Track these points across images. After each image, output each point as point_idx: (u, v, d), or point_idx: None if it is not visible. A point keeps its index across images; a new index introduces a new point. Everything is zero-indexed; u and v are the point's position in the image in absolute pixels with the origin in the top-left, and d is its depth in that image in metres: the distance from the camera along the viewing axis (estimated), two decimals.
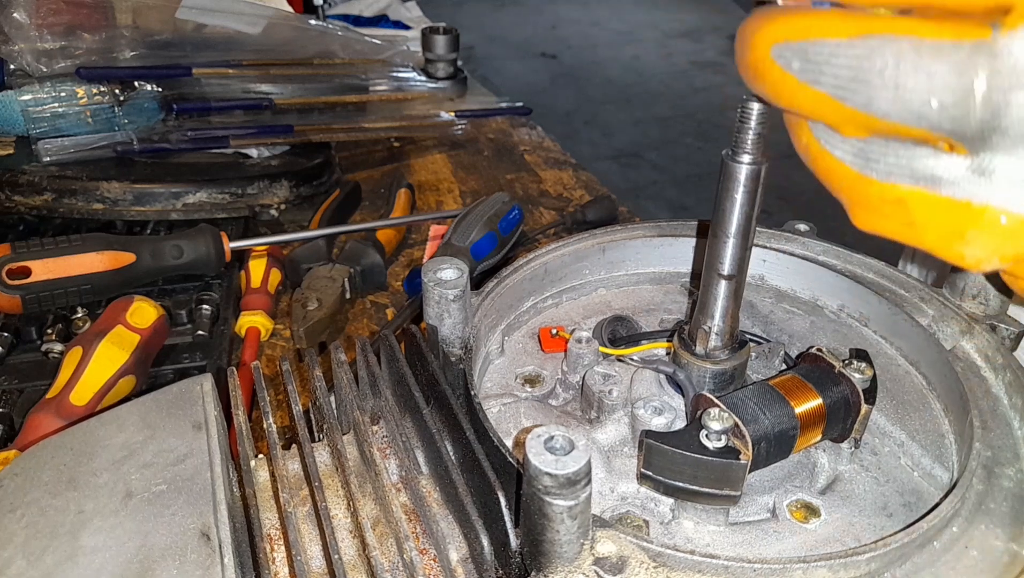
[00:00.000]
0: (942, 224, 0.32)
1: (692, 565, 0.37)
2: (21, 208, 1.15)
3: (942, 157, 0.31)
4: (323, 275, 1.04)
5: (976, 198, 0.31)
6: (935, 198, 0.32)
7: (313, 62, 1.43)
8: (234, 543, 0.41)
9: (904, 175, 0.33)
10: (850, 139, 0.34)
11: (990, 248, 0.32)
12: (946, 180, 0.32)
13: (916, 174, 0.33)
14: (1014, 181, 0.30)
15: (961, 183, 0.31)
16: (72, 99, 1.18)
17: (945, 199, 0.32)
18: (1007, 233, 0.31)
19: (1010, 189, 0.30)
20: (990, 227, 0.31)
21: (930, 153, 0.32)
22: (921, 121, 0.30)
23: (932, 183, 0.32)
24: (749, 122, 0.42)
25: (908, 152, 0.33)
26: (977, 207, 0.31)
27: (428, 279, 0.49)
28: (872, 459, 0.49)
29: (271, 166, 1.30)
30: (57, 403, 0.76)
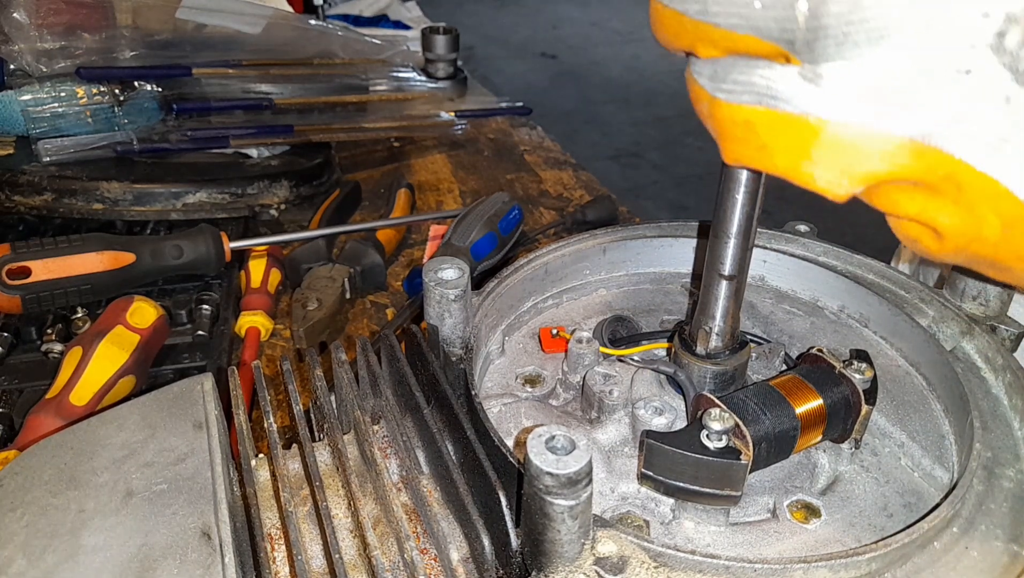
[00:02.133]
0: (788, 144, 0.31)
1: (693, 565, 0.37)
2: (21, 208, 1.15)
3: (775, 67, 0.30)
4: (323, 275, 1.04)
5: (813, 111, 0.30)
6: (777, 115, 0.31)
7: (313, 62, 1.43)
8: (235, 542, 0.41)
9: (747, 92, 0.31)
10: (707, 60, 0.33)
11: (837, 167, 0.30)
12: (782, 93, 0.30)
13: (756, 89, 0.31)
14: (846, 88, 0.29)
15: (796, 96, 0.30)
16: (72, 99, 1.18)
17: (785, 115, 0.30)
18: (851, 149, 0.30)
19: (844, 98, 0.29)
20: (832, 143, 0.30)
21: (767, 64, 0.31)
22: (750, 26, 0.29)
23: (771, 98, 0.31)
24: None
25: (748, 65, 0.31)
26: (815, 122, 0.30)
27: (429, 279, 0.49)
28: (872, 460, 0.49)
29: (271, 166, 1.30)
30: (57, 403, 0.76)
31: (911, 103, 0.28)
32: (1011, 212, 0.29)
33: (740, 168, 0.40)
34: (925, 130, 0.29)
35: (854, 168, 0.30)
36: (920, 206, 0.31)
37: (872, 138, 0.29)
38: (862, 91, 0.29)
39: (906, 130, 0.29)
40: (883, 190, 0.32)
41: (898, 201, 0.32)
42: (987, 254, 0.32)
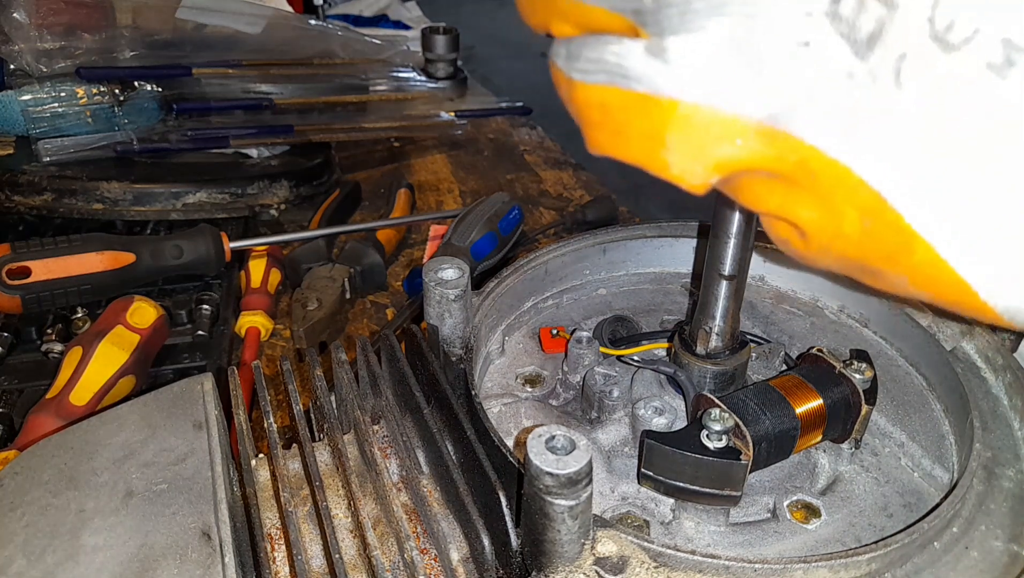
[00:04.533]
0: (642, 127, 0.29)
1: (693, 565, 0.37)
2: (21, 208, 1.15)
3: (625, 42, 0.28)
4: (323, 275, 1.04)
5: (663, 90, 0.27)
6: (629, 95, 0.29)
7: (313, 62, 1.43)
8: (235, 542, 0.41)
9: (600, 71, 0.29)
10: (563, 39, 0.31)
11: (690, 153, 0.28)
12: (632, 71, 0.28)
13: (608, 68, 0.29)
14: (691, 63, 0.27)
15: (645, 73, 0.28)
16: (72, 99, 1.18)
17: (637, 95, 0.28)
18: (703, 132, 0.27)
19: (690, 74, 0.27)
20: (684, 125, 0.27)
21: (617, 40, 0.29)
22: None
23: (622, 77, 0.28)
24: None
25: (600, 41, 0.29)
26: (667, 102, 0.27)
27: (429, 279, 0.49)
28: (872, 460, 0.49)
29: (271, 166, 1.30)
30: (57, 403, 0.76)
31: (755, 80, 0.26)
32: (867, 203, 0.27)
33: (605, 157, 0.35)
34: (771, 111, 0.27)
35: (707, 153, 0.28)
36: (780, 199, 0.29)
37: (722, 120, 0.27)
38: (707, 66, 0.27)
39: (753, 111, 0.27)
40: (744, 182, 0.30)
41: (760, 194, 0.30)
42: (853, 254, 0.29)
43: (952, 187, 0.25)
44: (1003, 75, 0.23)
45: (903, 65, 0.24)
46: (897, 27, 0.24)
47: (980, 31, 0.23)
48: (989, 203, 0.25)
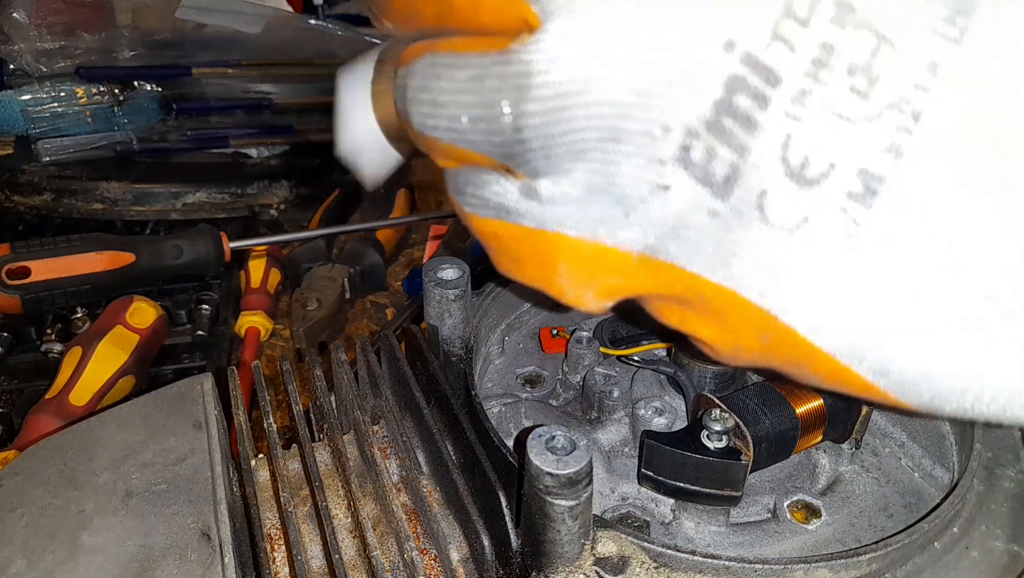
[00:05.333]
0: (534, 257, 0.30)
1: (693, 565, 0.37)
2: (21, 208, 1.15)
3: (502, 182, 0.29)
4: (323, 275, 1.04)
5: (547, 224, 0.28)
6: (517, 228, 0.30)
7: (313, 62, 1.43)
8: (234, 542, 0.41)
9: (483, 206, 0.30)
10: (445, 169, 0.32)
11: (581, 281, 0.29)
12: (513, 208, 0.29)
13: (490, 204, 0.30)
14: (564, 203, 0.28)
15: (526, 211, 0.29)
16: (72, 99, 1.18)
17: (524, 229, 0.29)
18: (590, 263, 0.29)
19: (565, 212, 0.28)
20: (571, 256, 0.29)
21: (495, 179, 0.29)
22: (465, 140, 0.28)
23: (506, 212, 0.30)
24: None
25: (480, 179, 0.30)
26: (552, 234, 0.28)
27: (429, 279, 0.49)
28: (873, 460, 0.49)
29: (271, 166, 1.30)
30: (57, 403, 0.76)
31: (626, 217, 0.27)
32: (760, 320, 0.27)
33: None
34: (648, 243, 0.27)
35: (597, 282, 0.29)
36: (679, 317, 0.30)
37: (604, 252, 0.28)
38: (580, 205, 0.28)
39: (631, 244, 0.28)
40: (646, 300, 0.31)
41: (661, 311, 0.31)
42: (761, 362, 0.30)
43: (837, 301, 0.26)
44: (867, 205, 0.24)
45: (765, 201, 0.25)
46: (751, 169, 0.25)
47: (835, 165, 0.24)
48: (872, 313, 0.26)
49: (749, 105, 0.24)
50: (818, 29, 0.23)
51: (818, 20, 0.23)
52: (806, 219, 0.25)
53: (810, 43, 0.23)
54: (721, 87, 0.24)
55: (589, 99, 0.25)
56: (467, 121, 0.27)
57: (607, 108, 0.25)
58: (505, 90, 0.26)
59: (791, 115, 0.24)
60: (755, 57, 0.23)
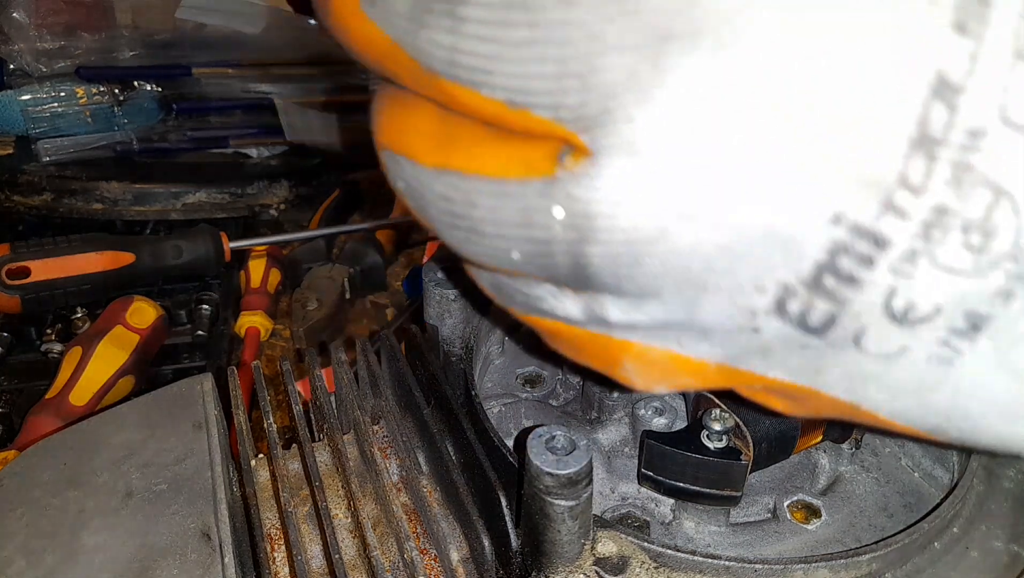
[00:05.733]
0: (598, 354, 0.29)
1: (693, 565, 0.37)
2: (21, 208, 1.15)
3: (561, 299, 0.28)
4: (323, 275, 1.04)
5: (614, 334, 0.27)
6: (580, 332, 0.28)
7: (313, 62, 1.43)
8: (234, 542, 0.41)
9: (539, 312, 0.29)
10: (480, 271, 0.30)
11: (652, 378, 0.29)
12: (575, 319, 0.28)
13: (548, 314, 0.29)
14: (636, 327, 0.27)
15: (590, 323, 0.28)
16: (72, 99, 1.18)
17: (586, 333, 0.28)
18: (660, 367, 0.28)
19: (637, 333, 0.27)
20: (640, 360, 0.28)
21: (550, 292, 0.28)
22: (517, 268, 0.26)
23: (567, 321, 0.28)
24: None
25: (531, 291, 0.28)
26: (619, 341, 0.28)
27: (429, 279, 0.49)
28: (873, 460, 0.49)
29: (271, 166, 1.30)
30: (57, 403, 0.76)
31: (706, 340, 0.26)
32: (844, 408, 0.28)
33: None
34: (728, 356, 0.27)
35: (668, 381, 0.29)
36: (751, 394, 0.30)
37: (677, 359, 0.27)
38: (654, 330, 0.27)
39: (708, 357, 0.27)
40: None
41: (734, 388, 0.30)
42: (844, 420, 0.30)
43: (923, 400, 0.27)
44: (971, 339, 0.24)
45: (862, 338, 0.24)
46: (851, 317, 0.24)
47: (941, 310, 0.23)
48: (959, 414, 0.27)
49: (853, 266, 0.23)
50: (933, 194, 0.22)
51: (934, 185, 0.22)
52: (904, 348, 0.24)
53: (923, 208, 0.22)
54: (824, 252, 0.23)
55: (666, 249, 0.23)
56: (519, 257, 0.25)
57: (689, 261, 0.23)
58: (563, 230, 0.24)
59: (899, 272, 0.23)
60: (863, 226, 0.22)
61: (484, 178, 0.25)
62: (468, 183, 0.25)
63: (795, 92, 0.21)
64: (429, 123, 0.27)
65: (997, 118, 0.21)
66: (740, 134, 0.21)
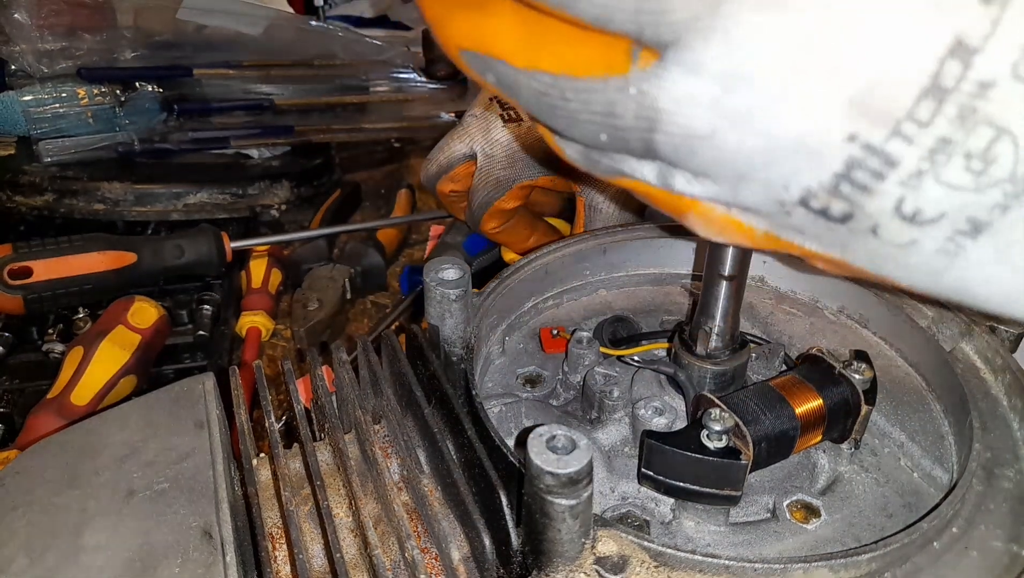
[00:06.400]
0: (670, 207, 0.33)
1: (693, 565, 0.37)
2: (22, 208, 1.15)
3: (637, 163, 0.32)
4: (324, 275, 1.04)
5: (684, 194, 0.32)
6: (649, 188, 0.33)
7: (314, 63, 1.43)
8: (236, 541, 0.41)
9: (621, 175, 0.34)
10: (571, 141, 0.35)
11: (711, 230, 0.33)
12: (651, 182, 0.33)
13: (628, 176, 0.33)
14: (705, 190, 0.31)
15: (662, 184, 0.32)
16: (73, 100, 1.18)
17: (657, 190, 0.33)
18: (720, 223, 0.32)
19: (706, 192, 0.31)
20: (703, 216, 0.32)
21: (631, 161, 0.33)
22: (604, 146, 0.32)
23: (643, 180, 0.33)
24: None
25: (614, 160, 0.33)
26: (688, 200, 0.32)
27: (430, 279, 0.50)
28: (872, 460, 0.49)
29: (272, 167, 1.30)
30: (58, 403, 0.76)
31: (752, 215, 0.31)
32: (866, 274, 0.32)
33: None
34: (773, 228, 0.32)
35: (725, 236, 0.33)
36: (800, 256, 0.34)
37: (732, 222, 0.32)
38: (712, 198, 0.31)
39: (756, 225, 0.32)
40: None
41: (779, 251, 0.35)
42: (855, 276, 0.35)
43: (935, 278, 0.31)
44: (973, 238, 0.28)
45: (878, 229, 0.29)
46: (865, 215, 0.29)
47: (946, 214, 0.28)
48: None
49: (866, 178, 0.27)
50: (937, 127, 0.26)
51: (939, 121, 0.25)
52: (914, 240, 0.29)
53: (929, 137, 0.26)
54: (841, 164, 0.27)
55: (716, 144, 0.28)
56: (605, 138, 0.31)
57: (734, 156, 0.28)
58: (635, 119, 0.29)
59: (906, 185, 0.27)
60: (874, 146, 0.26)
61: (571, 78, 0.30)
62: (559, 81, 0.30)
63: (827, 37, 0.25)
64: (513, 25, 0.31)
65: (1008, 73, 0.24)
66: (781, 64, 0.26)
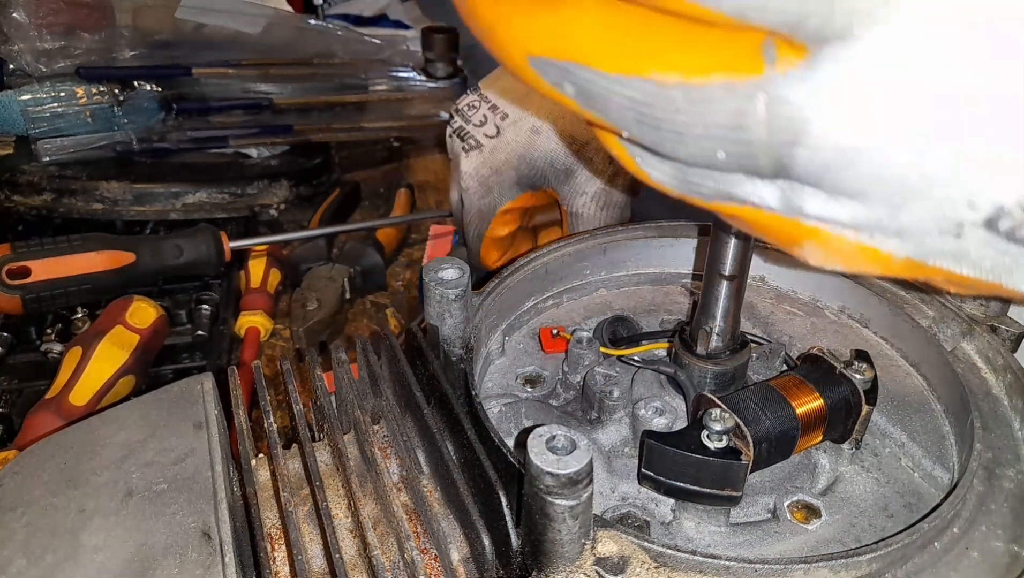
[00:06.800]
0: (779, 233, 0.29)
1: (693, 565, 0.37)
2: (21, 208, 1.15)
3: (757, 184, 0.28)
4: (323, 275, 1.04)
5: (803, 220, 0.28)
6: (762, 213, 0.29)
7: (313, 62, 1.43)
8: (235, 542, 0.41)
9: (727, 199, 0.29)
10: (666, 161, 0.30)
11: (831, 260, 0.29)
12: (769, 205, 0.28)
13: (738, 199, 0.29)
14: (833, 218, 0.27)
15: (785, 210, 0.28)
16: (72, 99, 1.18)
17: (775, 216, 0.29)
18: (844, 253, 0.28)
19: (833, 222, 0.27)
20: (825, 244, 0.28)
21: (745, 182, 0.28)
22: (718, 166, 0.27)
23: (756, 206, 0.29)
24: None
25: (723, 182, 0.29)
26: (809, 227, 0.28)
27: (429, 279, 0.49)
28: (873, 460, 0.49)
29: (271, 166, 1.30)
30: (57, 403, 0.76)
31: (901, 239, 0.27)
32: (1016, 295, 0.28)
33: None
34: (920, 255, 0.27)
35: (847, 265, 0.29)
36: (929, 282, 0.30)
37: (864, 250, 0.28)
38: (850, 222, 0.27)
39: (900, 253, 0.27)
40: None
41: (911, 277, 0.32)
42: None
43: None
44: None
45: None
46: None
47: None
48: None
49: None
50: None
51: None
52: None
53: None
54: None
55: (882, 160, 0.23)
56: (723, 156, 0.26)
57: (906, 173, 0.24)
58: (769, 132, 0.24)
59: None
60: None
61: (684, 85, 0.24)
62: (666, 89, 0.25)
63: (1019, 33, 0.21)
64: (601, 23, 0.26)
65: None
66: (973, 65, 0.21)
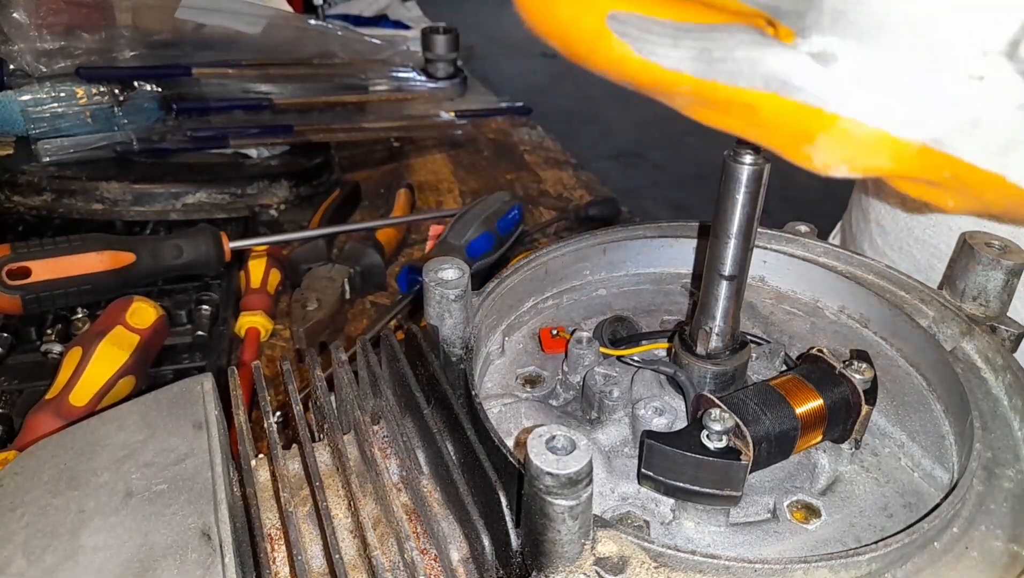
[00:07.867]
0: (792, 127, 0.29)
1: (693, 565, 0.37)
2: (21, 208, 1.15)
3: (784, 49, 0.28)
4: (323, 275, 1.04)
5: (829, 105, 0.28)
6: (784, 103, 0.29)
7: (313, 62, 1.43)
8: (235, 542, 0.41)
9: (748, 76, 0.29)
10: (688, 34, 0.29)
11: (839, 157, 0.29)
12: (796, 80, 0.28)
13: (761, 73, 0.28)
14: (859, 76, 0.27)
15: (812, 84, 0.28)
16: (72, 99, 1.18)
17: (795, 105, 0.28)
18: (858, 144, 0.28)
19: (857, 89, 0.27)
20: (841, 136, 0.28)
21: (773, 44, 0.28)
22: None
23: (782, 87, 0.28)
24: None
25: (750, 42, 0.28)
26: (828, 114, 0.28)
27: (429, 279, 0.49)
28: (872, 460, 0.49)
29: (271, 166, 1.30)
30: (57, 403, 0.76)
31: (924, 107, 0.27)
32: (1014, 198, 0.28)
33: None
34: (937, 136, 0.27)
35: (857, 161, 0.29)
36: (923, 192, 0.30)
37: (882, 139, 0.28)
38: (877, 84, 0.27)
39: (918, 135, 0.27)
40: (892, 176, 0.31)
41: (900, 184, 0.31)
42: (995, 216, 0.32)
43: None
44: None
45: None
46: None
47: None
48: None
49: None
50: None
51: None
52: None
53: None
54: None
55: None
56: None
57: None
58: None
59: None
60: None
61: None
62: None
63: None
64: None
65: None
66: None
